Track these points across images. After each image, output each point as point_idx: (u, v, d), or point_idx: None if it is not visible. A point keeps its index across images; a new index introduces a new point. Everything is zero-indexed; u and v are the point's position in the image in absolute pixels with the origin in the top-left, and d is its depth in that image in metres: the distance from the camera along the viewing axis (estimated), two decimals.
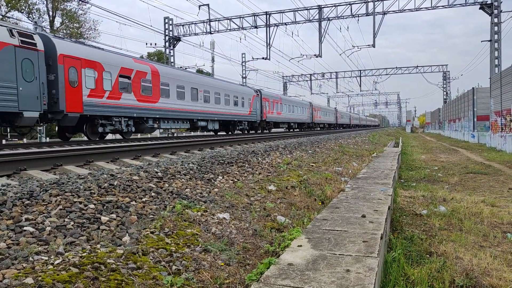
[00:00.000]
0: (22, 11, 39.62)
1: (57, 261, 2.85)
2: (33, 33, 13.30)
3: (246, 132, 28.67)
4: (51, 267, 2.76)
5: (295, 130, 40.60)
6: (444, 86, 56.31)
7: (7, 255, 2.91)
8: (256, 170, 7.86)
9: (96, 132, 15.65)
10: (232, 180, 6.64)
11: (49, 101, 13.24)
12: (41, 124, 14.47)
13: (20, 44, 12.28)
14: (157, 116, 18.41)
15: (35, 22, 28.21)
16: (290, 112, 38.12)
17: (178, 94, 20.00)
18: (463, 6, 28.09)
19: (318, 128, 50.56)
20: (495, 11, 27.10)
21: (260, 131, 31.29)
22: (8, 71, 11.84)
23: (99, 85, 15.17)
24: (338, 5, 30.64)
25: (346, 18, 30.95)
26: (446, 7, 28.79)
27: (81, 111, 14.25)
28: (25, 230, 3.35)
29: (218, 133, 26.43)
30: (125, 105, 16.33)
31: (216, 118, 23.77)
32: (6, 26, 12.34)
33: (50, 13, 41.24)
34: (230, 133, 26.52)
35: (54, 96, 13.35)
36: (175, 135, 32.94)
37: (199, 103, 21.95)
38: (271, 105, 33.28)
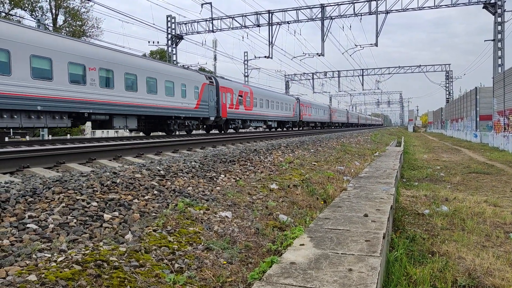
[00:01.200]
0: (25, 8, 39.70)
1: (60, 259, 2.86)
2: (212, 76, 25.36)
3: (290, 129, 39.85)
4: (54, 264, 2.77)
5: (317, 127, 50.93)
6: (447, 85, 56.19)
7: (10, 252, 2.92)
8: (258, 169, 7.86)
9: (227, 128, 26.64)
10: (234, 179, 6.64)
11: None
12: (214, 123, 25.02)
13: (209, 83, 23.58)
14: (252, 119, 30.13)
15: (38, 20, 28.24)
16: (316, 114, 49.65)
17: (260, 104, 31.54)
18: (467, 5, 28.02)
19: (333, 127, 60.80)
20: (499, 11, 27.00)
21: (296, 128, 42.48)
22: (207, 96, 23.00)
23: (231, 102, 26.30)
24: (341, 4, 30.59)
25: (349, 17, 30.90)
26: (449, 6, 28.71)
27: (226, 116, 25.39)
28: (28, 227, 3.36)
29: (272, 129, 37.29)
30: (240, 113, 27.88)
31: (276, 119, 35.54)
32: (204, 74, 24.34)
33: (53, 11, 41.31)
34: (280, 129, 37.70)
35: (217, 109, 24.38)
36: (177, 133, 33.33)
37: (269, 109, 33.46)
38: (305, 109, 44.27)
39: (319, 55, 33.59)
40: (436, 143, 31.54)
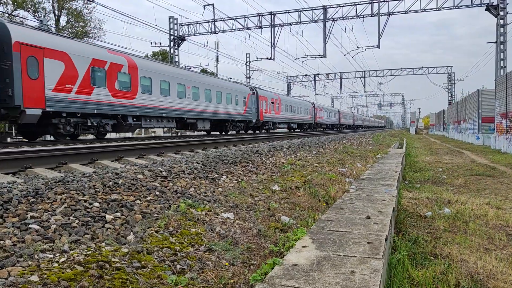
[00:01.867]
0: (28, 9, 39.81)
1: (62, 259, 2.86)
2: (254, 87, 31.30)
3: (307, 130, 45.47)
4: (56, 265, 2.77)
5: (327, 129, 56.04)
6: (449, 87, 56.06)
7: (13, 252, 2.92)
8: (260, 170, 7.86)
9: (262, 129, 32.58)
10: (236, 180, 6.63)
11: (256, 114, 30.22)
12: (254, 125, 30.67)
13: (252, 93, 29.38)
14: (280, 121, 35.94)
15: (41, 21, 28.31)
16: (327, 116, 55.73)
17: (285, 109, 37.45)
18: (469, 7, 27.99)
19: (340, 128, 67.06)
20: (501, 13, 26.97)
21: (311, 130, 47.67)
22: (251, 104, 28.76)
23: (266, 108, 31.98)
24: (343, 6, 30.61)
25: (351, 18, 30.91)
26: (451, 8, 28.68)
27: (263, 119, 31.09)
28: (30, 228, 3.36)
29: (295, 130, 43.71)
30: (272, 117, 33.48)
31: (297, 122, 41.32)
32: (249, 86, 31.01)
33: (56, 12, 41.42)
34: (298, 130, 43.73)
35: (257, 113, 30.06)
36: (179, 134, 33.52)
37: (292, 113, 39.21)
38: (319, 112, 50.79)
39: (321, 57, 33.62)
40: (438, 145, 31.48)
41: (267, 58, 34.00)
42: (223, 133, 26.08)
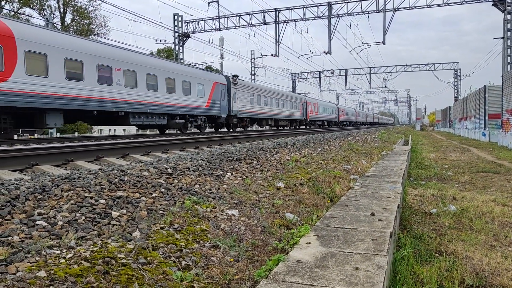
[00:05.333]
0: (34, 7, 40.02)
1: (69, 255, 2.89)
2: (305, 97, 47.62)
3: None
4: (63, 260, 2.80)
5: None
6: (455, 83, 55.68)
7: (20, 248, 2.96)
8: (265, 167, 7.87)
9: (315, 125, 47.15)
10: (240, 177, 6.65)
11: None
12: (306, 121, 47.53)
13: (306, 101, 44.39)
14: (317, 119, 48.10)
15: (46, 18, 28.45)
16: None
17: (321, 110, 51.00)
18: (476, 2, 27.74)
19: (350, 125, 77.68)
20: (508, 8, 26.68)
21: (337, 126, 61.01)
22: (304, 109, 44.28)
23: (312, 110, 44.72)
24: (348, 2, 30.43)
25: (356, 15, 30.75)
26: (458, 4, 28.43)
27: (309, 118, 46.31)
28: (37, 224, 3.40)
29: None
30: (314, 116, 46.32)
31: (326, 120, 53.41)
32: (303, 94, 50.81)
33: (61, 9, 41.60)
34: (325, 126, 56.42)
35: (306, 114, 44.13)
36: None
37: (325, 114, 52.98)
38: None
39: (326, 53, 33.50)
40: (444, 142, 31.31)
41: (272, 55, 33.93)
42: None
